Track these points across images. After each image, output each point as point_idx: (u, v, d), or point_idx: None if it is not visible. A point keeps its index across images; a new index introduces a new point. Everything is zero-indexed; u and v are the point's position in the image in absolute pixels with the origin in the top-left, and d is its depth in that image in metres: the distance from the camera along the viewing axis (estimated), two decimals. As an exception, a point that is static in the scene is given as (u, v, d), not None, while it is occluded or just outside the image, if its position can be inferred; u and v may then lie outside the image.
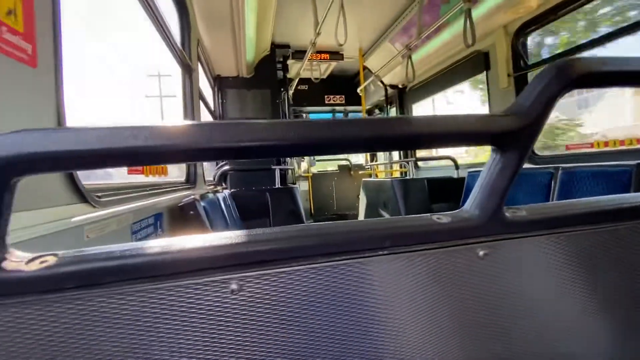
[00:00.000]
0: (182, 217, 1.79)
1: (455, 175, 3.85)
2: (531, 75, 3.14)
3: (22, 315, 0.31)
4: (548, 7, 2.77)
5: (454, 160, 3.93)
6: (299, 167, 6.49)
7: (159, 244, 0.37)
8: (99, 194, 1.10)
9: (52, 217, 0.81)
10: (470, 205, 0.45)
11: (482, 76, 3.64)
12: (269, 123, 0.36)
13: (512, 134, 0.40)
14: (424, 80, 4.60)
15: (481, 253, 0.44)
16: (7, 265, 0.33)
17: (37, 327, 0.32)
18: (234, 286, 0.36)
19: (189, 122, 0.33)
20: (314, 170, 6.74)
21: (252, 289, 0.37)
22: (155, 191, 1.73)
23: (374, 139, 0.38)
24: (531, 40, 3.20)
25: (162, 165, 2.18)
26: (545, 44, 3.24)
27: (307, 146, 0.36)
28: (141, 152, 0.31)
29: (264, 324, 0.38)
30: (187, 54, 2.73)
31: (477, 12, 2.98)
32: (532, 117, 0.39)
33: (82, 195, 0.96)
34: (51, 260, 0.34)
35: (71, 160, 0.30)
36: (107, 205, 1.10)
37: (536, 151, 3.09)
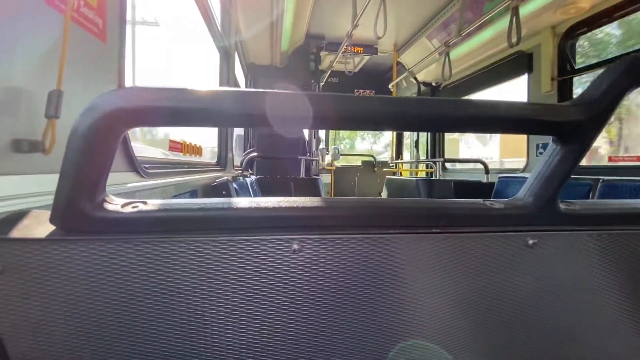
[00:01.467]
0: (215, 196, 1.87)
1: (484, 180, 3.74)
2: (577, 81, 2.98)
3: (118, 250, 0.36)
4: (602, 9, 2.61)
5: (484, 163, 3.81)
6: (323, 159, 6.52)
7: (233, 201, 0.40)
8: (147, 166, 1.17)
9: (111, 181, 0.87)
10: (525, 193, 0.45)
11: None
12: (331, 96, 0.38)
13: (576, 125, 0.40)
14: (459, 79, 4.46)
15: (530, 242, 0.44)
16: (108, 206, 0.37)
17: (128, 261, 0.36)
18: (295, 246, 0.39)
19: (273, 91, 0.35)
20: (337, 163, 6.74)
21: (312, 251, 0.39)
22: (191, 169, 1.81)
23: (435, 118, 0.39)
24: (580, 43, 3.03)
25: (199, 146, 2.27)
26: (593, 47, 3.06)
27: (373, 120, 0.38)
28: (233, 113, 0.34)
29: (320, 285, 0.41)
30: (226, 40, 2.80)
31: (523, 11, 2.85)
32: (598, 109, 0.39)
33: (134, 165, 1.03)
34: (141, 206, 0.38)
35: (170, 116, 0.34)
36: (153, 177, 1.17)
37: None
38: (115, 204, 0.38)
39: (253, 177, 3.60)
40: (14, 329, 0.37)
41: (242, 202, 0.41)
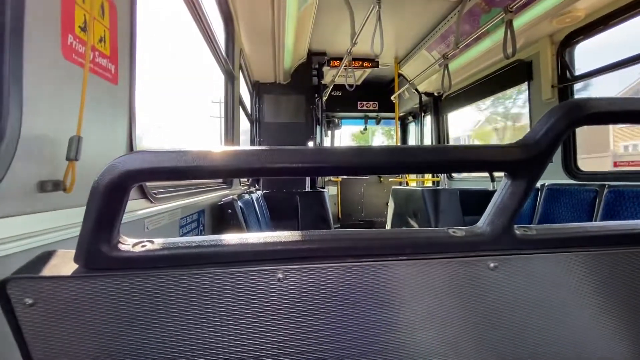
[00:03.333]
0: (221, 214, 1.94)
1: (490, 188, 3.74)
2: (577, 87, 3.00)
3: (130, 283, 0.42)
4: (598, 17, 2.65)
5: (490, 172, 3.81)
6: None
7: (224, 237, 0.46)
8: (155, 191, 1.25)
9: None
10: (483, 222, 0.50)
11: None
12: (324, 150, 0.44)
13: (521, 163, 0.45)
14: (461, 89, 4.51)
15: (492, 265, 0.49)
16: (121, 247, 0.43)
17: (137, 293, 0.42)
18: (280, 275, 0.45)
19: (260, 147, 0.42)
20: (343, 175, 6.78)
21: (294, 279, 0.45)
22: (198, 190, 1.89)
23: (400, 164, 0.45)
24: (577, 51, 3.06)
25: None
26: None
27: (344, 169, 0.44)
28: (221, 169, 0.41)
29: (303, 311, 0.46)
30: (230, 62, 2.92)
31: (520, 21, 2.91)
32: (540, 149, 0.44)
33: (143, 191, 1.10)
34: (149, 245, 0.44)
35: (170, 173, 0.40)
36: (161, 201, 1.25)
37: (580, 166, 2.94)
38: (127, 244, 0.44)
39: (259, 192, 3.68)
40: (45, 356, 0.44)
41: (232, 238, 0.47)
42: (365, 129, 6.75)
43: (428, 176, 5.66)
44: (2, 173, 0.57)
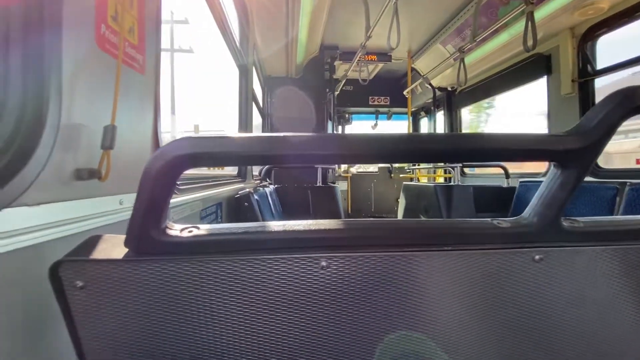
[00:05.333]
0: (238, 207, 1.95)
1: (504, 185, 3.67)
2: (599, 82, 2.92)
3: (177, 268, 0.42)
4: (622, 9, 2.56)
5: (504, 168, 3.74)
6: (339, 166, 6.56)
7: (269, 224, 0.46)
8: (178, 183, 1.26)
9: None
10: (529, 213, 0.49)
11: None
12: (351, 137, 0.43)
13: (573, 153, 0.44)
14: (475, 84, 4.43)
15: (537, 257, 0.48)
16: (169, 232, 0.44)
17: (184, 277, 0.43)
18: (323, 263, 0.45)
19: (308, 134, 0.41)
20: (353, 170, 6.77)
21: (337, 267, 0.45)
22: (216, 183, 1.91)
23: (442, 152, 0.44)
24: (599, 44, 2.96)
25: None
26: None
27: (393, 156, 0.43)
28: (268, 155, 0.41)
29: (345, 299, 0.46)
30: (244, 56, 2.93)
31: (540, 13, 2.83)
32: (593, 139, 0.43)
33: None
34: (195, 231, 0.45)
35: (220, 159, 0.40)
36: (184, 193, 1.26)
37: (600, 164, 2.87)
38: (175, 230, 0.45)
39: (272, 186, 3.69)
40: (92, 336, 0.44)
41: (276, 225, 0.47)
42: (376, 124, 6.70)
43: (440, 172, 5.60)
44: (44, 161, 0.57)
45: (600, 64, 2.94)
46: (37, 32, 0.58)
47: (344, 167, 6.64)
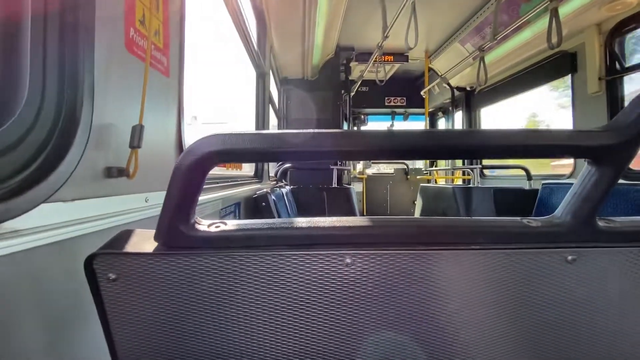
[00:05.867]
0: (255, 207, 1.98)
1: (526, 187, 3.56)
2: (628, 80, 2.79)
3: (205, 262, 0.43)
4: (655, 2, 2.44)
5: (526, 170, 3.63)
6: (354, 168, 6.54)
7: (295, 220, 0.47)
8: (199, 183, 1.29)
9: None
10: (562, 212, 0.47)
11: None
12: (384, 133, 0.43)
13: (609, 150, 0.42)
14: (495, 83, 4.32)
15: (569, 258, 0.46)
16: (198, 227, 0.45)
17: (212, 272, 0.44)
18: (348, 260, 0.44)
19: (338, 130, 0.41)
20: (369, 172, 6.72)
21: (362, 264, 0.45)
22: (234, 183, 1.94)
23: (469, 148, 0.43)
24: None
25: (239, 160, 2.41)
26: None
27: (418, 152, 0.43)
28: (299, 152, 0.41)
29: (369, 297, 0.46)
30: (262, 59, 2.96)
31: (564, 9, 2.74)
32: (631, 135, 0.41)
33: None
34: (222, 226, 0.46)
35: (250, 155, 0.41)
36: (205, 192, 1.29)
37: (630, 166, 2.74)
38: (203, 225, 0.46)
39: (287, 187, 3.71)
40: (123, 326, 0.46)
41: (302, 221, 0.47)
42: (392, 125, 6.64)
43: (458, 174, 5.49)
44: (77, 158, 0.60)
45: (629, 61, 2.81)
46: (71, 36, 0.61)
47: (359, 168, 6.61)
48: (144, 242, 0.45)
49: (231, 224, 0.46)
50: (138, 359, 0.48)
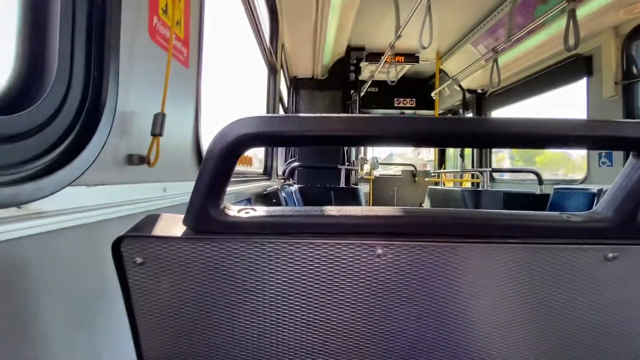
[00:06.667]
0: (266, 203, 1.98)
1: (537, 191, 3.51)
2: (646, 83, 2.73)
3: (234, 248, 0.43)
4: (676, 5, 2.39)
5: (537, 174, 3.58)
6: (362, 169, 6.52)
7: (327, 209, 0.46)
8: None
9: (187, 189, 0.98)
10: (604, 207, 0.46)
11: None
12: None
13: None
14: (507, 86, 4.28)
15: (610, 255, 0.44)
16: (228, 212, 0.44)
17: (241, 257, 0.43)
18: (379, 251, 0.43)
19: (355, 115, 0.41)
20: (376, 173, 6.69)
21: (393, 255, 0.44)
22: (245, 179, 1.94)
23: (522, 135, 0.42)
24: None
25: (249, 157, 2.42)
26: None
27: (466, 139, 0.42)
28: (334, 135, 0.40)
29: (401, 289, 0.45)
30: (274, 57, 2.97)
31: (581, 12, 2.69)
32: None
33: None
34: (252, 212, 0.45)
35: (284, 138, 0.40)
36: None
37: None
38: (232, 210, 0.45)
39: (295, 186, 3.71)
40: (147, 312, 0.46)
41: (332, 209, 0.46)
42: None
43: (467, 176, 5.43)
44: (101, 144, 0.60)
45: (648, 65, 2.75)
46: (98, 19, 0.61)
47: (366, 169, 6.59)
48: (172, 226, 0.44)
49: (261, 210, 0.46)
50: (161, 345, 0.48)
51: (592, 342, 0.48)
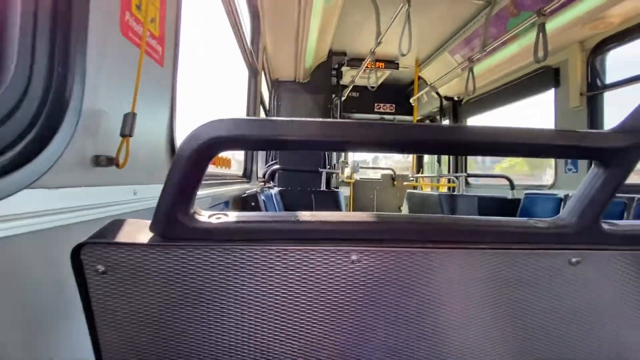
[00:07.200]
0: (244, 206, 1.94)
1: (509, 196, 3.65)
2: (609, 96, 2.91)
3: (204, 255, 0.41)
4: (633, 24, 2.57)
5: (509, 179, 3.73)
6: (343, 172, 6.56)
7: (301, 214, 0.45)
8: (189, 178, 1.25)
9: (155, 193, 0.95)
10: (568, 213, 0.48)
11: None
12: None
13: (618, 151, 0.42)
14: (482, 94, 4.44)
15: (573, 260, 0.46)
16: (198, 217, 0.42)
17: (211, 265, 0.41)
18: (354, 257, 0.43)
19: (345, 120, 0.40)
20: (356, 177, 6.75)
21: (369, 261, 0.43)
22: (223, 181, 1.89)
23: (483, 143, 0.43)
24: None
25: (228, 159, 2.37)
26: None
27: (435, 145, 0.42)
28: (307, 140, 0.39)
29: (375, 295, 0.44)
30: (255, 58, 2.94)
31: (551, 26, 2.84)
32: None
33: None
34: (224, 217, 0.43)
35: (254, 142, 0.39)
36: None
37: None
38: (203, 216, 0.43)
39: (276, 189, 3.68)
40: (110, 324, 0.43)
41: (307, 215, 0.45)
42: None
43: (443, 181, 5.58)
44: (65, 144, 0.56)
45: (609, 78, 2.94)
46: (64, 14, 0.57)
47: (347, 172, 6.64)
48: (138, 232, 0.42)
49: (233, 216, 0.44)
50: (124, 357, 0.45)
51: (556, 343, 0.50)
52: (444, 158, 5.44)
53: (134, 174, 0.79)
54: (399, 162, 7.86)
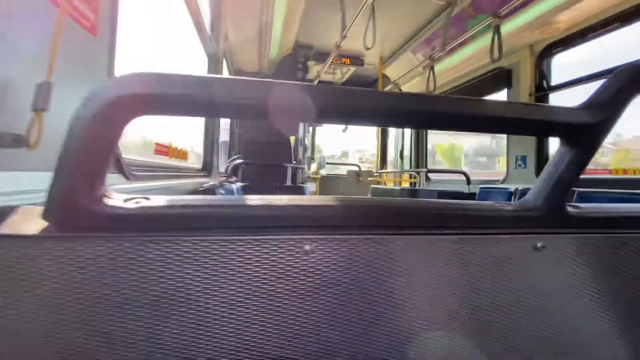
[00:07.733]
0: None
1: (466, 190, 3.84)
2: (553, 97, 3.14)
3: (117, 249, 0.33)
4: (577, 30, 2.77)
5: (466, 174, 3.92)
6: (309, 168, 6.52)
7: (244, 199, 0.38)
8: (133, 168, 1.12)
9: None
10: (534, 196, 0.46)
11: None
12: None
13: (586, 128, 0.41)
14: (443, 93, 4.61)
15: (539, 245, 0.44)
16: (107, 201, 0.34)
17: (128, 260, 0.33)
18: (307, 247, 0.37)
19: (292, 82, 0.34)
20: (323, 172, 6.75)
21: (323, 252, 0.38)
22: (177, 174, 1.75)
23: (445, 115, 0.39)
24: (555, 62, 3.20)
25: (185, 151, 2.21)
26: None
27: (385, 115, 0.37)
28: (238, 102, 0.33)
29: (331, 286, 0.39)
30: (215, 45, 2.78)
31: (504, 29, 2.99)
32: (607, 113, 0.40)
33: (120, 166, 0.98)
34: (144, 202, 0.35)
35: (181, 104, 0.31)
36: (140, 180, 1.12)
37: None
38: (115, 199, 0.35)
39: (238, 184, 3.54)
40: None
41: (253, 199, 0.39)
42: (347, 127, 6.74)
43: (405, 177, 5.74)
44: None
45: (555, 81, 3.17)
46: None
47: (313, 168, 6.61)
48: (27, 221, 0.33)
49: (158, 200, 0.36)
50: None
51: (521, 329, 0.48)
52: (406, 154, 5.60)
53: (53, 159, 0.67)
54: (368, 160, 7.98)
